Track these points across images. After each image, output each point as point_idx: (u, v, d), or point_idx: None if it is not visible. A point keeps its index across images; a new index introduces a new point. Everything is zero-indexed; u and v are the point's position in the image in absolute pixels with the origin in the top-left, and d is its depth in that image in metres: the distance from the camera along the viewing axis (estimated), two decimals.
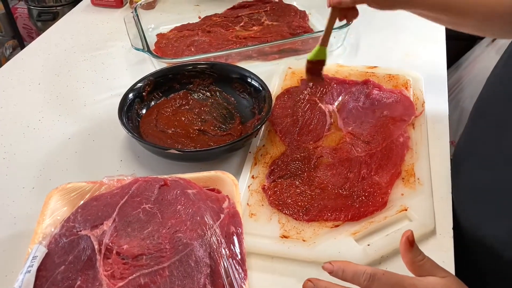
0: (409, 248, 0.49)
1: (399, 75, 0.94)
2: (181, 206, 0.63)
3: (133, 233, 0.60)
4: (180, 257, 0.57)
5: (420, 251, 0.50)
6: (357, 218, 0.68)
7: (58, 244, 0.59)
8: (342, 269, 0.51)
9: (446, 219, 0.69)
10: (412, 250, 0.49)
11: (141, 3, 1.17)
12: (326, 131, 0.83)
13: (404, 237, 0.49)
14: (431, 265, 0.50)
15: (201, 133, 0.84)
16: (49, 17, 2.30)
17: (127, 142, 0.85)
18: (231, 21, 1.18)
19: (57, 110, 0.94)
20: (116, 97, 0.84)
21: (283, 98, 0.90)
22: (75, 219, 0.62)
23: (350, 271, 0.50)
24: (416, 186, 0.72)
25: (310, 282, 0.51)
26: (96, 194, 0.67)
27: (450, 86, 1.57)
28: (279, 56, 1.05)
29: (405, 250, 0.49)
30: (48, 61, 1.09)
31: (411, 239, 0.49)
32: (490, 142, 0.66)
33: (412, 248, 0.49)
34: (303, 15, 1.18)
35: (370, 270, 0.50)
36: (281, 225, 0.68)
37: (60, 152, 0.84)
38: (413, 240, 0.49)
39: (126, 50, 1.11)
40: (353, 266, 0.51)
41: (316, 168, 0.76)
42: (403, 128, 0.82)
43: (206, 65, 0.91)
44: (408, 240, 0.49)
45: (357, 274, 0.50)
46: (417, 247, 0.50)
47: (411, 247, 0.49)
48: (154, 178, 0.67)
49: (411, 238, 0.49)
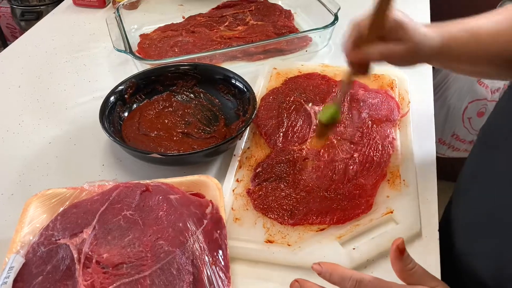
0: (400, 256, 0.48)
1: (385, 75, 0.93)
2: (163, 212, 0.61)
3: (114, 241, 0.58)
4: (162, 265, 0.56)
5: (411, 259, 0.49)
6: (342, 221, 0.67)
7: (36, 253, 0.58)
8: (329, 272, 0.51)
9: (432, 221, 0.68)
10: (403, 258, 0.48)
11: (123, 3, 1.15)
12: (312, 132, 0.82)
13: (394, 244, 0.48)
14: (422, 273, 0.49)
15: (185, 136, 0.82)
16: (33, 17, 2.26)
17: (109, 146, 0.83)
18: (215, 21, 1.16)
19: (38, 114, 0.92)
20: (99, 99, 0.83)
21: (268, 99, 0.89)
22: (54, 227, 0.61)
23: (337, 274, 0.50)
24: (402, 187, 0.72)
25: (297, 283, 0.52)
26: (76, 200, 0.66)
27: (437, 83, 1.58)
28: (264, 57, 1.04)
29: (395, 258, 0.49)
30: (29, 63, 1.07)
31: (402, 247, 0.48)
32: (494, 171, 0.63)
33: (402, 256, 0.48)
34: (288, 15, 1.17)
35: (357, 276, 0.49)
36: (266, 230, 0.67)
37: (41, 157, 0.82)
38: (404, 248, 0.48)
39: (108, 51, 1.09)
40: (341, 270, 0.50)
41: (302, 171, 0.75)
42: (389, 128, 0.81)
43: (189, 66, 0.90)
44: (399, 248, 0.48)
45: (344, 279, 0.50)
46: (408, 255, 0.49)
47: (401, 255, 0.48)
48: (136, 184, 0.65)
49: (402, 246, 0.48)
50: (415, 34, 0.62)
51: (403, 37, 0.62)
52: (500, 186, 0.60)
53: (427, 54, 0.64)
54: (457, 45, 0.64)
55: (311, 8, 1.14)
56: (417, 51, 0.63)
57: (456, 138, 1.64)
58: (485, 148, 0.68)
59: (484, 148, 0.68)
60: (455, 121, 1.60)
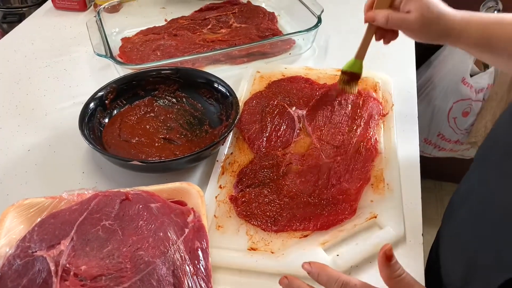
0: (387, 263, 0.48)
1: (368, 78, 0.93)
2: (143, 221, 0.60)
3: (92, 253, 0.57)
4: (142, 276, 0.54)
5: (398, 266, 0.48)
6: (326, 227, 0.67)
7: (11, 266, 0.56)
8: (318, 272, 0.52)
9: (416, 225, 0.68)
10: (390, 265, 0.48)
11: (104, 6, 1.13)
12: (295, 137, 0.81)
13: (382, 251, 0.48)
14: (410, 280, 0.49)
15: (167, 142, 0.81)
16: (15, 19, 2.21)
17: (90, 153, 0.81)
18: (198, 23, 1.15)
19: (16, 120, 0.90)
20: (79, 105, 0.81)
21: (251, 103, 0.88)
22: (31, 238, 0.59)
23: (324, 275, 0.52)
24: (386, 192, 0.71)
25: (286, 279, 0.54)
26: (54, 210, 0.64)
27: (422, 84, 1.58)
28: (247, 60, 1.03)
29: (382, 265, 0.48)
30: (7, 68, 1.04)
31: (389, 254, 0.48)
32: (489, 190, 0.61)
33: (390, 263, 0.48)
34: (272, 17, 1.16)
35: (344, 278, 0.50)
36: (249, 237, 0.66)
37: (19, 164, 0.80)
38: (392, 255, 0.48)
39: (89, 55, 1.07)
40: (329, 271, 0.52)
41: (285, 176, 0.75)
42: (372, 131, 0.81)
43: (171, 70, 0.89)
44: (386, 254, 0.48)
45: (330, 280, 0.51)
46: (396, 262, 0.48)
47: (389, 262, 0.48)
48: (115, 193, 0.64)
49: (389, 253, 0.48)
50: (428, 9, 0.65)
51: (414, 9, 0.66)
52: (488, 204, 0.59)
53: (442, 29, 0.66)
54: (475, 29, 0.65)
55: (295, 10, 1.13)
56: (430, 24, 0.66)
57: (442, 138, 1.65)
58: (481, 166, 0.67)
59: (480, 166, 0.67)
60: (441, 121, 1.60)
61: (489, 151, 0.65)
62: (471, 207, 0.64)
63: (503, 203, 0.55)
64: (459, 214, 0.68)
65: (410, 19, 0.67)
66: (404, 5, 0.68)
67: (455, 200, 0.72)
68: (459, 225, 0.67)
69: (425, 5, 0.66)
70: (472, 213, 0.63)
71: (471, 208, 0.64)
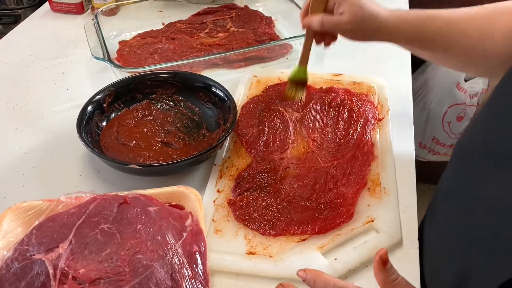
0: (382, 267, 0.48)
1: (364, 82, 0.94)
2: (142, 225, 0.60)
3: (91, 256, 0.57)
4: (140, 280, 0.55)
5: (394, 271, 0.49)
6: (324, 231, 0.67)
7: (9, 269, 0.56)
8: (313, 279, 0.52)
9: (412, 229, 0.68)
10: (386, 269, 0.48)
11: (102, 9, 1.14)
12: (293, 141, 0.82)
13: (377, 255, 0.48)
14: (405, 285, 0.49)
15: (165, 145, 0.81)
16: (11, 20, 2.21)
17: (87, 156, 0.81)
18: (195, 27, 1.15)
19: (14, 123, 0.90)
20: (77, 108, 0.81)
21: (248, 108, 0.88)
22: (29, 241, 0.59)
23: (321, 281, 0.51)
24: (382, 195, 0.72)
25: (282, 286, 0.54)
26: (52, 213, 0.64)
27: (417, 88, 1.59)
28: (244, 64, 1.03)
29: (378, 269, 0.48)
30: (4, 70, 1.04)
31: (385, 258, 0.48)
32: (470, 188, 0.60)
33: (385, 267, 0.48)
34: (269, 22, 1.17)
35: (340, 284, 0.50)
36: (247, 241, 0.66)
37: (16, 167, 0.80)
38: (387, 259, 0.48)
39: (87, 58, 1.07)
40: (325, 277, 0.52)
41: (283, 180, 0.75)
42: (368, 135, 0.82)
43: (169, 74, 0.89)
44: (382, 258, 0.48)
45: (327, 286, 0.51)
46: (391, 266, 0.49)
47: (384, 266, 0.48)
48: (113, 196, 0.64)
49: (385, 257, 0.48)
50: (360, 8, 0.68)
51: (346, 10, 0.69)
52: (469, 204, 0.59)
53: (374, 28, 0.69)
54: (407, 25, 0.68)
55: (292, 15, 1.14)
56: (362, 23, 0.69)
57: (437, 142, 1.66)
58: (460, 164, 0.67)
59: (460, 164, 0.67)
60: (435, 125, 1.62)
61: (468, 149, 0.65)
62: (454, 205, 0.64)
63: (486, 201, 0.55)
64: (442, 211, 0.68)
65: (343, 20, 0.69)
66: (337, 8, 0.70)
67: (437, 198, 0.72)
68: (442, 223, 0.67)
69: (357, 5, 0.68)
70: (456, 211, 0.63)
71: (454, 206, 0.64)
